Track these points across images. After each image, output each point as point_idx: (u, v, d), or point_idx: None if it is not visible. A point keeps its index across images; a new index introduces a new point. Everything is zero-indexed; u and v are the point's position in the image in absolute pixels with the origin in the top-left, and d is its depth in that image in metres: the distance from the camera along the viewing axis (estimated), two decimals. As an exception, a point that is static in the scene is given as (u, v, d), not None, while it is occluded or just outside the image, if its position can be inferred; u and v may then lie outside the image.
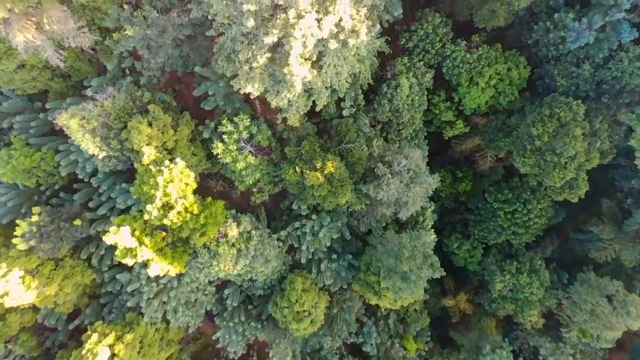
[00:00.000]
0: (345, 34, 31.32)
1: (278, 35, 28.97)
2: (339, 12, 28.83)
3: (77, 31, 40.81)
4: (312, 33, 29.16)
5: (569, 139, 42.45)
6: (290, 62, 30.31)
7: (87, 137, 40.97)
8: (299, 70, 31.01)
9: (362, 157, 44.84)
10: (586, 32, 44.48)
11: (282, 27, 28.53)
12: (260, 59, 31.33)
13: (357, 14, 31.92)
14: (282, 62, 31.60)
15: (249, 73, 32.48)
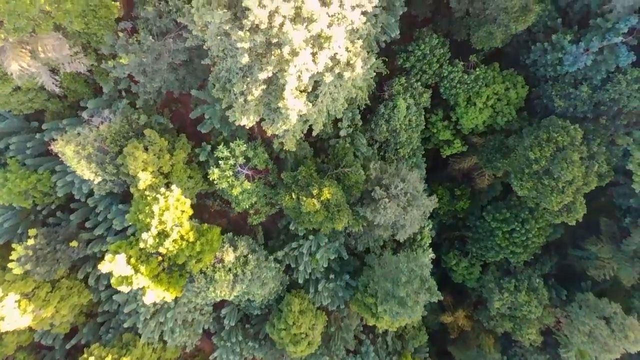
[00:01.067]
0: (341, 67, 31.18)
1: (273, 71, 28.80)
2: (334, 47, 28.67)
3: (72, 57, 40.64)
4: (307, 68, 28.99)
5: (567, 164, 42.30)
6: (285, 95, 30.15)
7: (83, 164, 40.83)
8: (294, 104, 30.85)
9: (359, 181, 44.70)
10: (584, 56, 44.35)
11: (277, 63, 28.38)
12: (255, 91, 31.18)
13: (352, 46, 31.79)
14: (277, 94, 31.45)
15: (244, 105, 32.32)
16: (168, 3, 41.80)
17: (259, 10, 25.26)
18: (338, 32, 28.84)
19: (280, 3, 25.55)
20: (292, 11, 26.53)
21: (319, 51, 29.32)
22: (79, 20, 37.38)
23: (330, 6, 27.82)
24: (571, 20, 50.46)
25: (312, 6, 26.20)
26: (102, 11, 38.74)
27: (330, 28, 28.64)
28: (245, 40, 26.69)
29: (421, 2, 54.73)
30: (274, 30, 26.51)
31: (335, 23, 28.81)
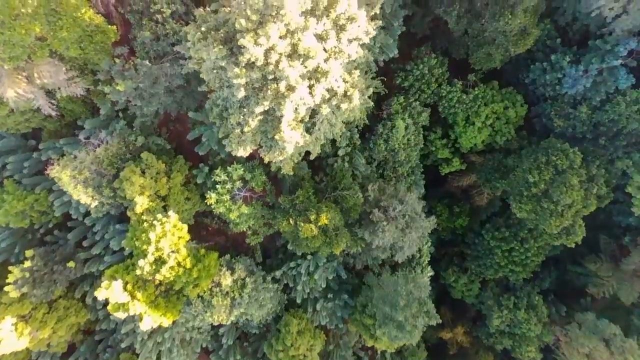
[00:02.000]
0: (338, 99, 30.96)
1: (269, 105, 28.58)
2: (331, 81, 28.45)
3: (68, 81, 40.39)
4: (304, 102, 28.77)
5: (566, 188, 42.11)
6: (282, 128, 29.95)
7: (79, 188, 40.65)
8: (291, 135, 30.65)
9: (357, 204, 44.47)
10: (582, 79, 44.13)
11: (274, 97, 28.16)
12: (252, 122, 30.96)
13: (349, 77, 31.58)
14: (274, 124, 31.24)
15: (240, 136, 32.11)
16: (165, 26, 41.70)
17: (254, 49, 25.05)
18: (335, 65, 28.64)
19: (276, 41, 25.33)
20: (289, 48, 26.30)
21: (315, 83, 29.11)
22: (75, 46, 37.19)
23: (327, 41, 27.60)
24: (570, 39, 50.27)
25: (308, 43, 25.98)
26: (98, 36, 38.55)
27: (327, 62, 28.43)
28: (241, 76, 26.49)
29: (420, 20, 54.51)
30: (270, 67, 26.29)
31: (332, 57, 28.59)
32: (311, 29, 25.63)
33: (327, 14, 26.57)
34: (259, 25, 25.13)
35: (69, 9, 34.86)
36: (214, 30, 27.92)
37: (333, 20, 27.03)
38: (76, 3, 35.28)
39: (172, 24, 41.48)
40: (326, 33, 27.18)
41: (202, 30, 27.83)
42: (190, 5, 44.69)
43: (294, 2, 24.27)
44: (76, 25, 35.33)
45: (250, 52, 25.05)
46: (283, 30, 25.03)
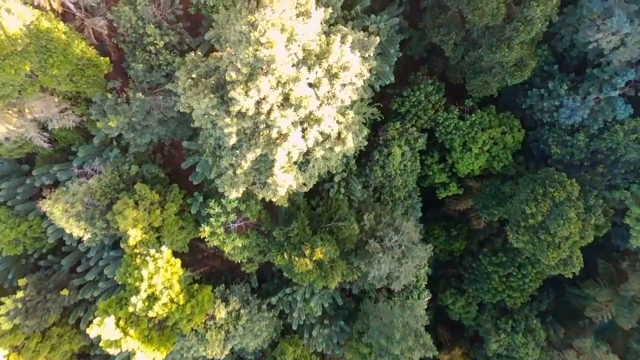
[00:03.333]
0: (332, 142, 30.53)
1: (262, 152, 28.17)
2: (324, 126, 28.03)
3: (61, 113, 39.96)
4: (297, 147, 28.36)
5: (563, 221, 41.70)
6: (274, 172, 29.50)
7: (72, 222, 40.22)
8: (284, 179, 30.22)
9: (352, 236, 44.03)
10: (580, 110, 43.73)
11: (266, 144, 27.73)
12: (244, 164, 30.51)
13: (343, 118, 31.16)
14: (267, 166, 30.81)
15: (233, 178, 31.66)
16: (158, 57, 41.29)
17: (245, 101, 24.62)
18: (328, 111, 28.20)
19: (267, 92, 24.90)
20: (280, 98, 25.88)
21: (309, 127, 28.69)
22: (67, 81, 36.76)
23: (320, 87, 27.16)
24: (568, 64, 49.84)
25: (300, 93, 25.55)
26: (90, 70, 38.14)
27: (320, 108, 28.00)
28: (232, 126, 26.05)
29: (417, 43, 54.13)
30: (262, 117, 25.86)
31: (325, 103, 28.17)
32: (303, 80, 25.21)
33: (320, 63, 26.15)
34: (249, 77, 24.70)
35: (59, 46, 34.42)
36: (204, 77, 27.48)
37: (326, 69, 26.62)
38: (67, 39, 34.84)
39: (166, 55, 41.07)
40: (319, 81, 26.76)
41: (192, 76, 27.40)
42: (184, 34, 44.32)
43: (285, 56, 23.84)
44: (67, 62, 34.89)
45: (241, 104, 24.61)
46: (274, 82, 24.60)
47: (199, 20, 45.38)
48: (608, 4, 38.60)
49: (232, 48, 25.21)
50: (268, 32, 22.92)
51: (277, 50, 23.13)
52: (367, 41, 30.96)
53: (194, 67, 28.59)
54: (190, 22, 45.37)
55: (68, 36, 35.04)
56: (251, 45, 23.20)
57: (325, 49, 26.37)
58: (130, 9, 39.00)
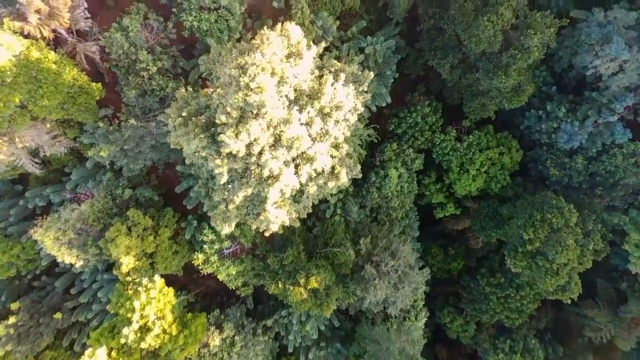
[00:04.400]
0: (325, 177, 30.02)
1: (253, 191, 27.66)
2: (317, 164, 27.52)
3: (52, 140, 39.42)
4: (290, 185, 27.84)
5: (561, 248, 41.20)
6: (267, 208, 28.98)
7: (63, 250, 39.68)
8: (276, 215, 29.69)
9: (348, 261, 43.51)
10: (578, 135, 43.22)
11: (257, 182, 27.22)
12: (237, 199, 29.98)
13: (337, 152, 30.65)
14: (260, 201, 30.28)
15: (225, 212, 31.13)
16: (151, 82, 40.80)
17: (236, 144, 24.12)
18: (321, 148, 27.69)
19: (258, 134, 24.39)
20: (272, 139, 25.37)
21: (301, 164, 28.18)
22: (58, 110, 36.24)
23: (313, 126, 26.66)
24: (566, 85, 49.31)
25: (292, 133, 25.05)
26: (82, 97, 37.62)
27: (313, 145, 27.50)
28: (223, 166, 25.54)
29: (414, 62, 53.66)
30: (253, 159, 25.35)
31: (318, 140, 27.66)
32: (295, 122, 24.70)
33: (312, 103, 25.64)
34: (240, 119, 24.20)
35: (49, 76, 33.92)
36: (195, 115, 26.97)
37: (318, 109, 26.12)
38: (57, 69, 34.34)
39: (159, 80, 40.62)
40: (311, 120, 26.26)
41: (183, 115, 26.87)
42: (177, 58, 43.83)
43: (275, 99, 23.33)
44: (57, 92, 34.39)
45: (231, 147, 24.10)
46: (265, 125, 24.10)
47: (193, 42, 44.92)
48: (606, 30, 38.12)
49: (222, 89, 24.72)
50: (258, 77, 22.42)
51: (267, 95, 22.63)
52: (361, 75, 30.43)
53: (185, 105, 28.08)
54: (184, 45, 44.94)
55: (59, 65, 34.54)
56: (241, 90, 22.70)
57: (318, 88, 25.85)
58: (122, 35, 38.55)
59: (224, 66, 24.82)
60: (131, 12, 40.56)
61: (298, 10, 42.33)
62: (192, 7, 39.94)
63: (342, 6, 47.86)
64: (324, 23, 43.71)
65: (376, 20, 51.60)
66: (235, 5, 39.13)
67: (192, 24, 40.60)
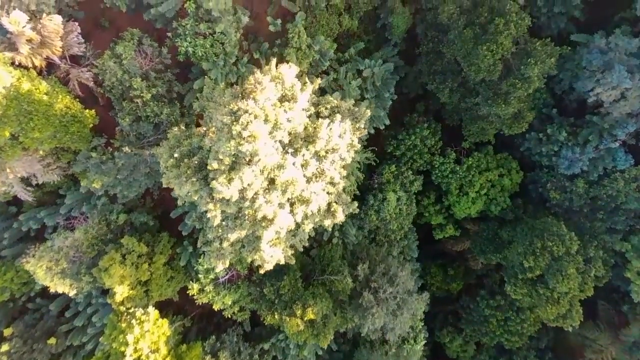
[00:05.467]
0: (321, 215, 29.40)
1: (247, 232, 27.04)
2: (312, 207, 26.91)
3: (44, 168, 38.80)
4: (285, 226, 27.21)
5: (562, 277, 40.56)
6: (261, 247, 28.35)
7: (56, 280, 39.06)
8: (271, 254, 29.07)
9: (346, 289, 42.87)
10: (579, 162, 42.58)
11: (251, 224, 26.59)
12: (231, 237, 29.33)
13: (334, 188, 30.02)
14: (254, 239, 29.64)
15: (219, 249, 30.49)
16: (146, 109, 40.22)
17: (228, 191, 23.49)
18: (317, 188, 27.07)
19: (252, 179, 23.77)
20: (265, 182, 24.76)
21: (297, 204, 27.56)
22: (49, 141, 35.62)
23: (308, 167, 26.03)
24: (567, 107, 48.64)
25: (287, 177, 24.42)
26: (74, 126, 36.99)
27: (309, 185, 26.86)
28: (215, 211, 24.92)
29: (413, 81, 52.99)
30: (246, 203, 24.73)
31: (314, 180, 27.03)
32: (289, 167, 24.09)
33: (307, 147, 25.04)
34: (232, 166, 23.59)
35: (41, 108, 33.33)
36: (187, 157, 26.36)
37: (313, 153, 25.52)
38: (49, 100, 33.74)
39: (153, 107, 40.05)
40: (306, 162, 25.64)
41: (175, 156, 26.25)
42: (172, 82, 43.23)
43: (269, 148, 22.72)
44: (49, 124, 33.80)
45: (224, 194, 23.49)
46: (258, 171, 23.49)
47: (189, 64, 44.26)
48: (608, 58, 37.50)
49: (214, 134, 24.11)
50: (250, 125, 21.80)
51: (260, 144, 22.03)
52: (358, 112, 29.82)
53: (177, 145, 27.48)
54: (179, 68, 44.34)
55: (50, 96, 33.96)
56: (233, 139, 22.10)
57: (313, 131, 25.26)
58: (115, 63, 37.96)
59: (216, 111, 24.17)
60: (125, 37, 40.01)
61: (295, 34, 41.77)
62: (187, 33, 39.42)
63: (340, 28, 47.26)
64: (321, 47, 43.13)
65: (374, 40, 50.97)
66: (231, 32, 38.55)
67: (187, 49, 40.09)
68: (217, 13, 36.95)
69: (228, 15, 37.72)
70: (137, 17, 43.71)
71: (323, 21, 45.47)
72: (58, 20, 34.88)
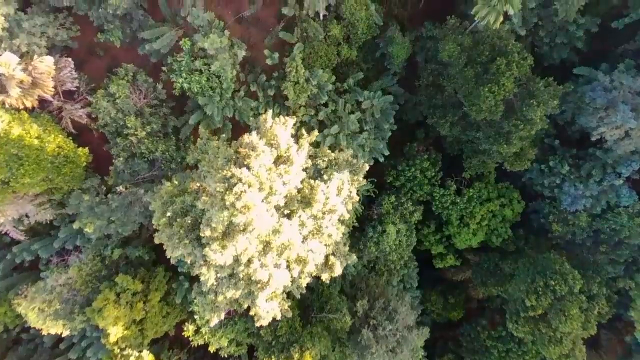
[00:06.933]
0: (319, 269, 28.60)
1: (242, 292, 26.23)
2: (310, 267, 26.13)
3: (37, 208, 38.01)
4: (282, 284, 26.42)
5: (565, 317, 39.79)
6: (257, 303, 27.55)
7: (49, 323, 38.23)
8: (267, 309, 28.26)
9: (344, 327, 42.08)
10: (582, 199, 41.81)
11: (246, 284, 25.80)
12: (227, 292, 28.51)
13: (331, 240, 29.22)
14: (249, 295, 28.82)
15: (214, 302, 29.68)
16: (140, 147, 39.47)
17: (222, 258, 22.69)
18: (314, 245, 26.28)
19: (246, 246, 22.97)
20: (261, 246, 23.97)
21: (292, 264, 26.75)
22: (41, 184, 34.82)
23: (305, 227, 25.24)
24: (569, 137, 47.85)
25: (282, 240, 23.63)
26: (67, 167, 36.18)
27: (305, 243, 26.08)
28: (209, 275, 24.12)
29: (412, 108, 52.12)
30: (241, 267, 23.93)
31: (310, 237, 26.24)
32: (285, 231, 23.30)
33: (303, 209, 24.27)
34: (226, 232, 22.81)
35: (31, 152, 32.53)
36: (180, 216, 25.56)
37: (310, 215, 24.75)
38: (40, 144, 32.92)
39: (148, 144, 39.29)
40: (303, 223, 24.86)
41: (167, 215, 25.45)
42: (168, 117, 42.49)
43: (264, 216, 21.93)
44: (40, 169, 32.97)
45: (217, 261, 22.70)
46: (253, 238, 22.71)
47: (184, 97, 43.44)
48: (612, 96, 36.74)
49: (207, 197, 23.31)
50: (244, 195, 21.02)
51: (254, 214, 21.26)
52: (356, 165, 29.04)
53: (169, 202, 26.64)
54: (175, 101, 43.57)
55: (41, 140, 33.13)
56: (227, 209, 21.33)
57: (310, 194, 24.48)
58: (109, 102, 37.18)
59: (209, 174, 23.39)
60: (119, 74, 39.24)
61: (292, 68, 41.01)
62: (182, 69, 38.68)
63: (338, 58, 46.47)
64: (319, 80, 42.37)
65: (373, 68, 50.09)
66: (227, 69, 37.79)
67: (182, 85, 39.35)
68: (212, 51, 36.19)
69: (224, 52, 36.95)
70: (132, 47, 42.99)
71: (321, 52, 44.67)
72: (50, 62, 34.11)
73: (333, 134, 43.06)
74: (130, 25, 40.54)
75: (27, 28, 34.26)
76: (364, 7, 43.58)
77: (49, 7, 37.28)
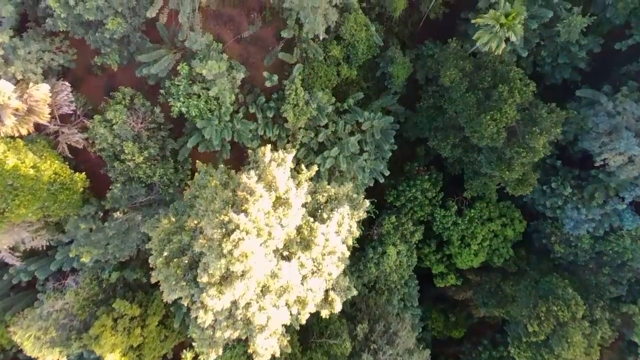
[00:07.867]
0: (318, 306, 28.12)
1: (240, 332, 25.76)
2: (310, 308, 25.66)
3: (33, 234, 37.53)
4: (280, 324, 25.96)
5: (567, 344, 39.33)
6: (255, 342, 27.05)
7: (45, 351, 37.72)
8: (266, 346, 27.78)
9: (344, 352, 41.60)
10: (585, 224, 41.34)
11: (245, 324, 25.32)
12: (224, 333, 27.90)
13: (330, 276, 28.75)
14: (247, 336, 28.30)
15: (212, 338, 29.19)
16: (138, 172, 39.01)
17: (219, 303, 22.22)
18: (313, 284, 25.81)
19: (244, 291, 22.49)
20: (259, 289, 23.50)
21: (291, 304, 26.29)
22: (37, 213, 34.35)
23: (304, 268, 24.77)
24: (572, 157, 47.39)
25: (281, 283, 23.17)
26: (63, 194, 35.69)
27: (305, 281, 25.62)
28: (206, 318, 23.65)
29: (412, 125, 51.68)
30: (239, 311, 23.47)
31: (310, 276, 25.78)
32: (284, 275, 22.85)
33: (302, 251, 23.81)
34: (224, 276, 22.35)
35: (27, 182, 32.05)
36: (177, 256, 25.09)
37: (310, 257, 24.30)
38: (35, 174, 32.42)
39: (145, 169, 38.81)
40: (302, 264, 24.41)
41: (164, 255, 24.99)
42: (166, 140, 42.00)
43: (262, 262, 21.46)
44: (35, 199, 32.49)
45: (214, 307, 22.23)
46: (251, 283, 22.25)
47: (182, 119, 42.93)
48: (615, 122, 36.26)
49: (205, 240, 22.85)
50: (242, 244, 20.55)
51: (252, 262, 20.80)
52: (357, 199, 28.57)
53: (167, 240, 26.16)
54: (173, 124, 43.09)
55: (37, 170, 32.64)
56: (224, 257, 20.88)
57: (308, 234, 24.03)
58: (106, 128, 36.70)
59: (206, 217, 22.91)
60: (116, 98, 38.76)
61: (292, 91, 40.54)
62: (180, 93, 38.22)
63: (338, 78, 45.98)
64: (319, 102, 41.90)
65: (374, 87, 49.66)
66: (225, 93, 37.33)
67: (180, 108, 38.91)
68: (210, 77, 35.73)
69: (222, 77, 36.47)
70: (130, 67, 42.50)
71: (321, 72, 44.18)
72: (46, 89, 33.64)
73: (333, 156, 42.60)
74: (128, 48, 40.08)
75: (23, 55, 33.78)
76: (364, 27, 43.14)
77: (45, 31, 36.80)
